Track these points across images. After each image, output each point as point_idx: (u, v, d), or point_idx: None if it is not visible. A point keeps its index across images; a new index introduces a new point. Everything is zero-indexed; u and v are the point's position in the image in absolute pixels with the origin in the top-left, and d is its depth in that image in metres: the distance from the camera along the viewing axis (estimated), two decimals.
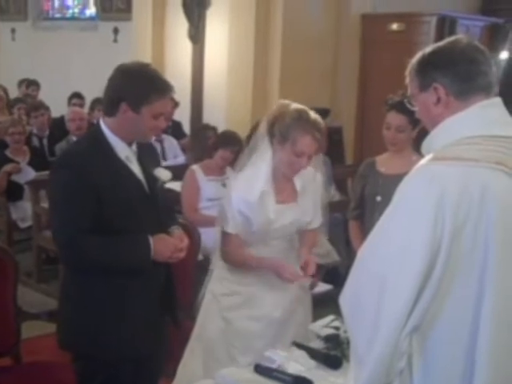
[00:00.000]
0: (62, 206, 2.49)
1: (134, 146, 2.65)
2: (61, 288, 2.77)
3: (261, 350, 2.91)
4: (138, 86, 2.49)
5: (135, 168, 2.62)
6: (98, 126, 2.61)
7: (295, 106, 2.93)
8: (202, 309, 3.16)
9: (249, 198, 2.92)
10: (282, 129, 2.85)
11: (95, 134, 2.61)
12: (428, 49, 1.88)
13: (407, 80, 1.92)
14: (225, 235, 3.02)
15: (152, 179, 2.68)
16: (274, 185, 2.97)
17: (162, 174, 2.74)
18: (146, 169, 2.68)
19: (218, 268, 3.15)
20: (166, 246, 2.59)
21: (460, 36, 1.92)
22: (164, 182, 2.78)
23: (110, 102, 2.55)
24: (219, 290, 3.10)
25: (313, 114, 2.90)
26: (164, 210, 2.78)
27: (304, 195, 3.05)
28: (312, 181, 3.08)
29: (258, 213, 2.93)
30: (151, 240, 2.55)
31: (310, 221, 3.10)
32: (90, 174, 2.45)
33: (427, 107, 1.86)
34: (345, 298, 1.81)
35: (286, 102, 2.97)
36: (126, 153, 2.58)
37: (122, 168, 2.57)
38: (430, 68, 1.84)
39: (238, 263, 3.03)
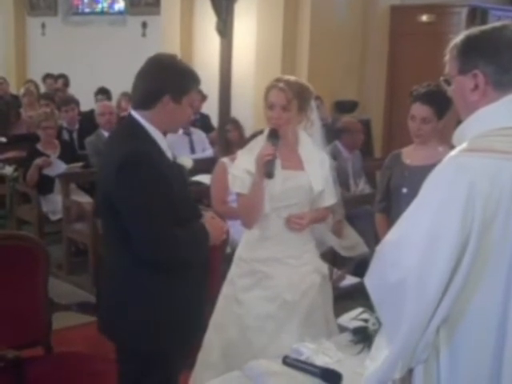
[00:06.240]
0: (147, 205, 2.41)
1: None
2: (109, 281, 2.66)
3: (273, 331, 3.05)
4: (179, 78, 2.52)
5: (171, 158, 2.62)
6: (132, 119, 2.54)
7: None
8: (219, 296, 3.23)
9: (252, 156, 3.03)
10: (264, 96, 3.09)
11: (133, 127, 2.53)
12: (474, 31, 1.80)
13: (446, 58, 1.85)
14: (237, 197, 3.15)
15: (179, 168, 2.69)
16: (277, 151, 3.04)
17: (185, 161, 2.79)
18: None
19: (236, 253, 3.24)
20: (216, 228, 2.62)
21: (508, 23, 1.82)
22: (189, 170, 2.81)
23: (150, 95, 2.50)
24: (235, 272, 3.20)
25: (285, 76, 3.12)
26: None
27: (310, 164, 3.12)
28: (316, 153, 3.16)
29: None
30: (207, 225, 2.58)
31: (322, 190, 3.14)
32: (158, 168, 2.42)
33: (463, 91, 1.80)
34: (371, 282, 1.80)
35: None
36: (164, 144, 2.57)
37: (166, 159, 2.56)
38: (473, 53, 1.77)
39: (253, 210, 3.05)
